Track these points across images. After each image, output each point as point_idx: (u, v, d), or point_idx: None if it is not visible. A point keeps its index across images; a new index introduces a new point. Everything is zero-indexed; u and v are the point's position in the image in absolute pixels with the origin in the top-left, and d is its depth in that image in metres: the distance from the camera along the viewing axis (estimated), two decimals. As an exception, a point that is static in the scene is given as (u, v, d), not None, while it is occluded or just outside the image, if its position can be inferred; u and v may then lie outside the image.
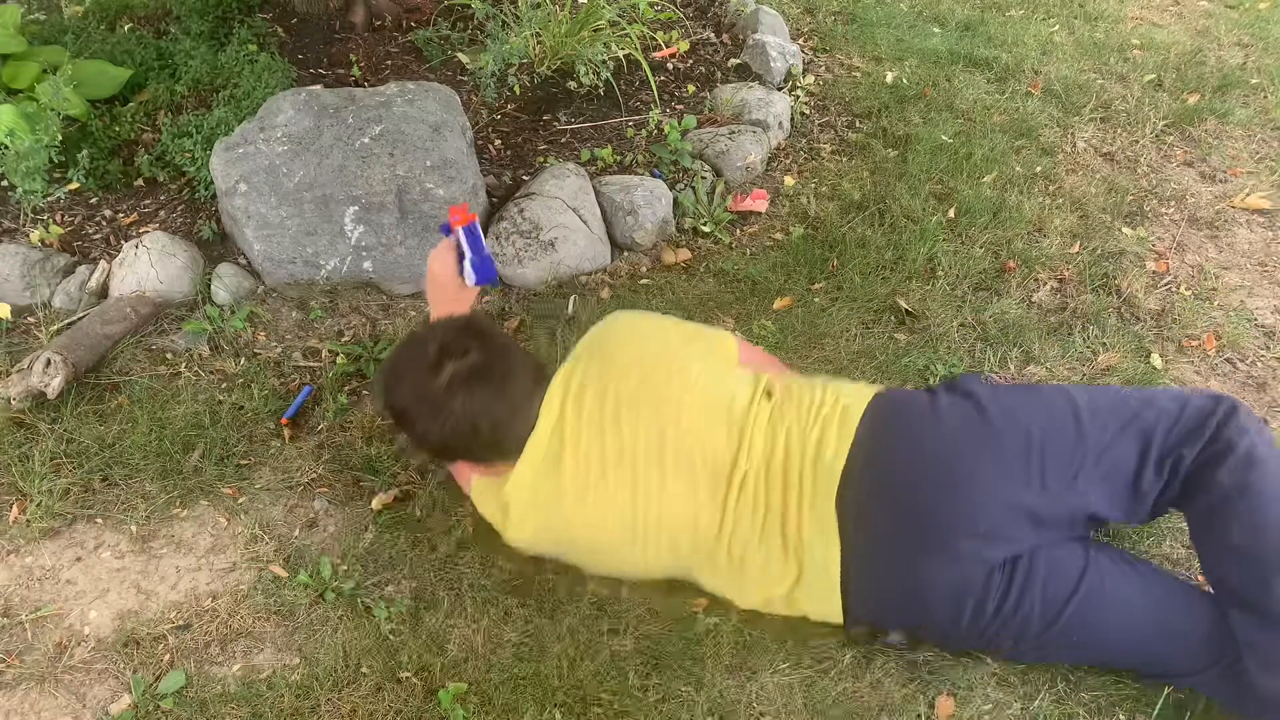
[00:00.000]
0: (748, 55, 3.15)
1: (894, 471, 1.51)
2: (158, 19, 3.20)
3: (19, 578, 1.74)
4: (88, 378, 2.06)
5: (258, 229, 2.26)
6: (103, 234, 2.42)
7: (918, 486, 1.49)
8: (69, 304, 2.25)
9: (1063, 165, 2.84)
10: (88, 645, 1.63)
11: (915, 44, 3.43)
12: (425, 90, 2.42)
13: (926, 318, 2.29)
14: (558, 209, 2.39)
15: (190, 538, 1.81)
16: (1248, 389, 2.16)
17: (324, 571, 1.73)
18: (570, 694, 1.54)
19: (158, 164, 2.54)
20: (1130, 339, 2.25)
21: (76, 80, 2.54)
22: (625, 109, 2.90)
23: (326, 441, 1.99)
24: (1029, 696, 1.54)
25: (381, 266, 2.31)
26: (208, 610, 1.68)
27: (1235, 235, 2.62)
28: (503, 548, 1.76)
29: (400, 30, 3.16)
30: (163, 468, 1.92)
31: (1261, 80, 3.28)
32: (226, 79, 2.76)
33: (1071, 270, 2.45)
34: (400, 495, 1.88)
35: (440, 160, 2.30)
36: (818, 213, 2.61)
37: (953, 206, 2.62)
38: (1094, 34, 3.56)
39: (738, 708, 1.53)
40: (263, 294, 2.30)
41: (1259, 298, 2.41)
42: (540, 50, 2.96)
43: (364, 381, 2.12)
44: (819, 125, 3.00)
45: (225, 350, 2.17)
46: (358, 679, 1.57)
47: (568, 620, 1.65)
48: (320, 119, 2.31)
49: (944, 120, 2.99)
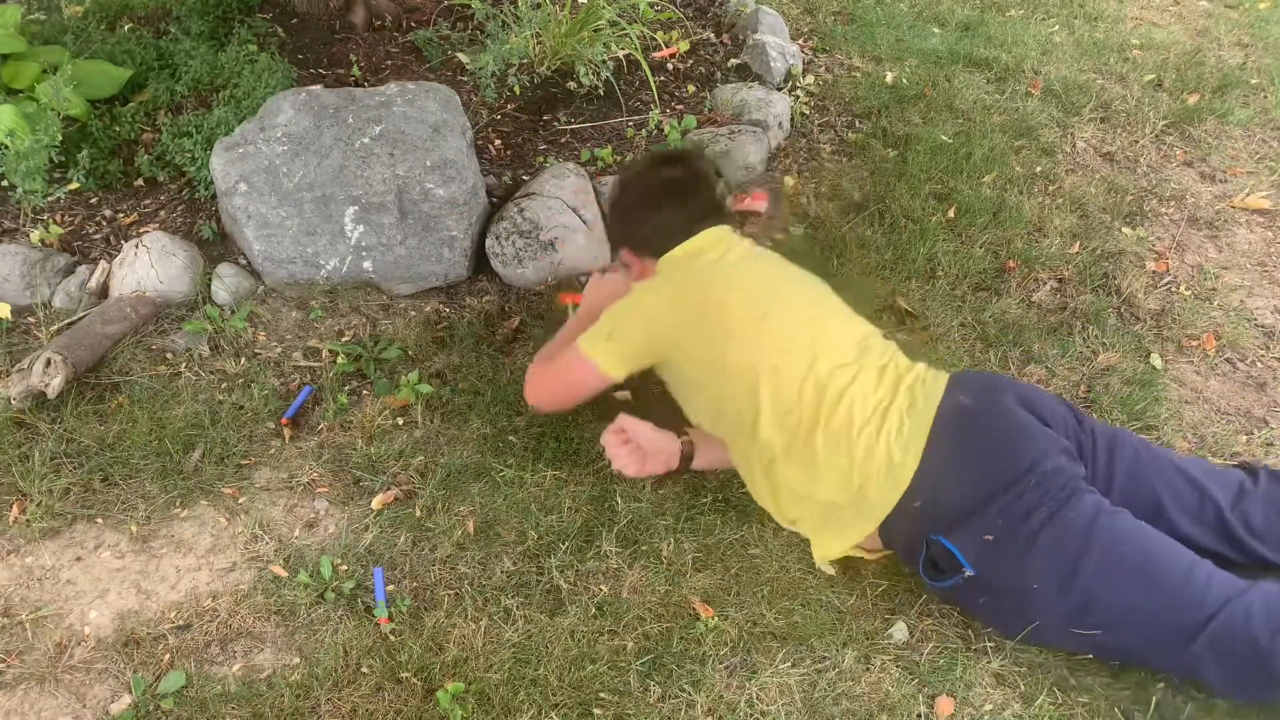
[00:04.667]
0: (748, 55, 3.15)
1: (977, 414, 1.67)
2: (158, 19, 3.20)
3: (19, 578, 1.74)
4: (88, 378, 2.06)
5: (258, 229, 2.26)
6: (103, 234, 2.42)
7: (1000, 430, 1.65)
8: (69, 304, 2.26)
9: (1063, 165, 2.84)
10: (88, 645, 1.63)
11: (915, 44, 3.43)
12: (425, 90, 2.42)
13: (926, 318, 2.29)
14: (558, 209, 2.39)
15: (190, 538, 1.81)
16: (1248, 389, 2.16)
17: (324, 571, 1.73)
18: (570, 694, 1.54)
19: (158, 164, 2.54)
20: (1130, 339, 2.26)
21: (76, 80, 2.54)
22: (625, 109, 2.90)
23: (326, 441, 1.99)
24: (1029, 697, 1.54)
25: (381, 266, 2.31)
26: (208, 610, 1.68)
27: (1235, 235, 2.62)
28: (503, 547, 1.76)
29: (400, 30, 3.16)
30: (163, 468, 1.92)
31: (1261, 80, 3.29)
32: (226, 79, 2.75)
33: (1071, 270, 2.45)
34: (400, 495, 1.88)
35: (440, 160, 2.30)
36: (818, 213, 2.61)
37: (953, 206, 2.62)
38: (1094, 34, 3.56)
39: (738, 708, 1.53)
40: (263, 294, 2.30)
41: (1259, 298, 2.41)
42: (540, 50, 2.96)
43: (364, 381, 2.13)
44: (819, 125, 3.00)
45: (225, 350, 2.17)
46: (358, 679, 1.57)
47: (568, 620, 1.65)
48: (320, 119, 2.31)
49: (944, 120, 2.99)
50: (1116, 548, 1.50)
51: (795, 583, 1.72)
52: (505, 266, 2.36)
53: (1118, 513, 1.54)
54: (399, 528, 1.82)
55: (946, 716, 1.52)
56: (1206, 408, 2.10)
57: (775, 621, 1.65)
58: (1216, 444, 2.00)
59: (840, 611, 1.67)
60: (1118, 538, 1.51)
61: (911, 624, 1.65)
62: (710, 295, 1.76)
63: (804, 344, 1.71)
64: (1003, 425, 1.63)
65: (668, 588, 1.70)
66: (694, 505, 1.86)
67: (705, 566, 1.74)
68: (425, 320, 2.28)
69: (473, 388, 2.11)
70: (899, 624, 1.65)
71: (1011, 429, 1.62)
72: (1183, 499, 1.64)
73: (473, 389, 2.10)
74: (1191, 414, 2.08)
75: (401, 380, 2.08)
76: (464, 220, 2.31)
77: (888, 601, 1.70)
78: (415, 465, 1.93)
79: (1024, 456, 1.58)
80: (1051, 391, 2.10)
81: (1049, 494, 1.53)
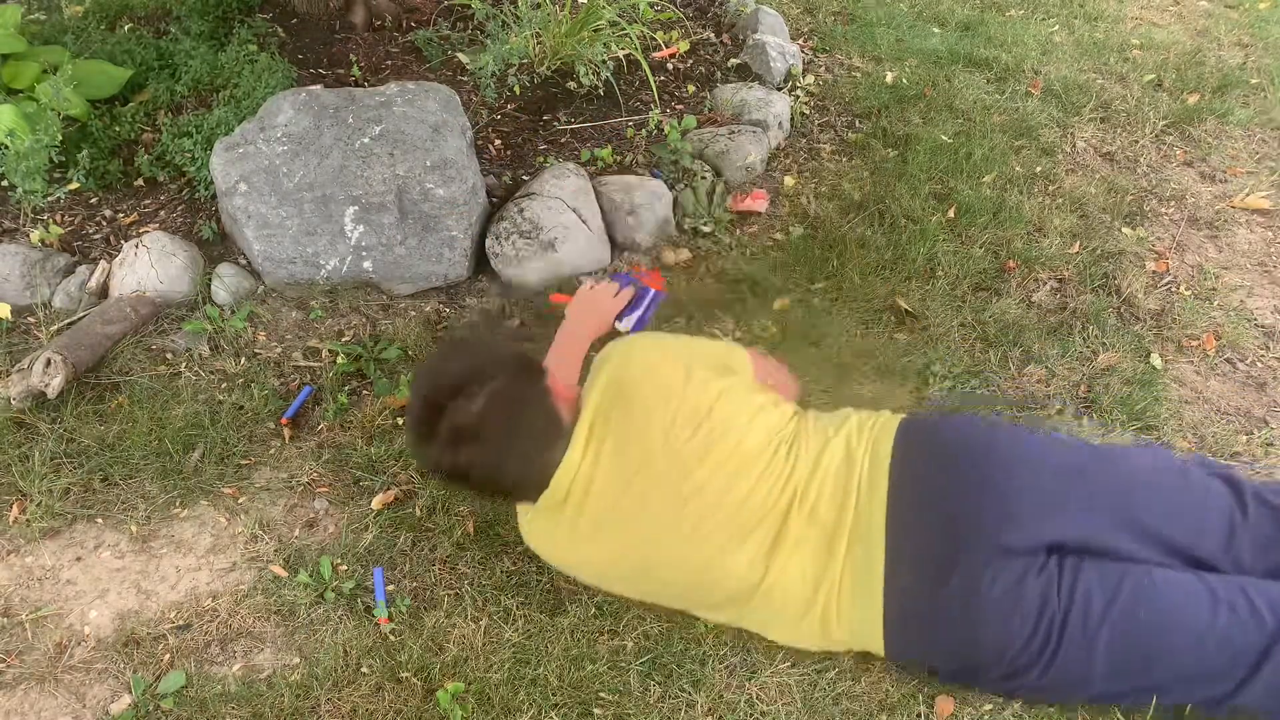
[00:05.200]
0: (748, 55, 3.15)
1: (931, 479, 1.50)
2: (158, 19, 3.20)
3: (19, 578, 1.74)
4: (88, 378, 2.06)
5: (258, 229, 2.26)
6: (103, 234, 2.42)
7: (956, 492, 1.48)
8: (69, 304, 2.26)
9: (1062, 165, 2.84)
10: (88, 645, 1.63)
11: (915, 44, 3.43)
12: (425, 90, 2.42)
13: (926, 318, 2.29)
14: (558, 209, 2.39)
15: (190, 538, 1.81)
16: (1248, 389, 2.16)
17: (324, 571, 1.73)
18: (570, 694, 1.54)
19: (158, 164, 2.54)
20: (1130, 339, 2.26)
21: (76, 80, 2.54)
22: (625, 109, 2.90)
23: (326, 441, 1.99)
24: (1029, 696, 1.54)
25: (381, 266, 2.31)
26: (208, 610, 1.68)
27: (1235, 235, 2.62)
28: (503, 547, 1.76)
29: (400, 30, 3.16)
30: (163, 468, 1.92)
31: (1261, 80, 3.28)
32: (226, 79, 2.76)
33: (1071, 270, 2.45)
34: (400, 495, 1.88)
35: (440, 160, 2.30)
36: (818, 213, 2.61)
37: (953, 206, 2.62)
38: (1094, 34, 3.56)
39: (738, 708, 1.53)
40: (263, 294, 2.30)
41: (1259, 298, 2.41)
42: (540, 50, 2.96)
43: (364, 381, 2.12)
44: (819, 125, 3.00)
45: (225, 350, 2.17)
46: (358, 679, 1.57)
47: (568, 620, 1.65)
48: (320, 119, 2.31)
49: (944, 120, 2.99)
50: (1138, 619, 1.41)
51: (795, 583, 1.72)
52: (505, 266, 2.36)
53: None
54: (399, 528, 1.82)
55: (946, 717, 1.52)
56: (1206, 408, 2.10)
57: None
58: (1216, 444, 2.00)
59: (840, 611, 1.67)
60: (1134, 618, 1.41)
61: (911, 624, 1.65)
62: (584, 572, 1.63)
63: (701, 584, 1.54)
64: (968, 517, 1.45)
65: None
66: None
67: (705, 566, 1.74)
68: (425, 320, 2.28)
69: (473, 388, 2.10)
70: (899, 624, 1.65)
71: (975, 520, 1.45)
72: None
73: (473, 389, 2.10)
74: (1191, 414, 2.08)
75: (401, 380, 2.08)
76: (464, 220, 2.31)
77: (888, 601, 1.69)
78: (415, 465, 1.93)
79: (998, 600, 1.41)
80: (1051, 392, 2.10)
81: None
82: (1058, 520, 1.46)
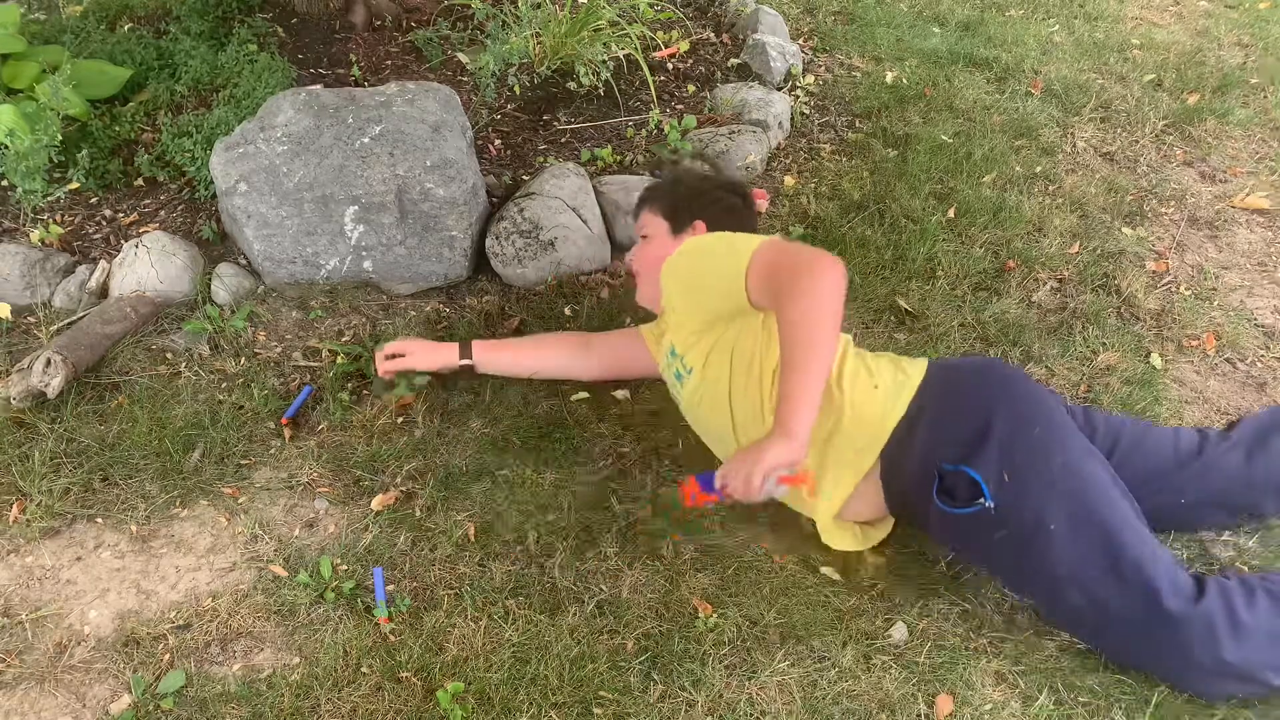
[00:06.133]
0: (748, 55, 3.15)
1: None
2: (158, 19, 3.20)
3: (19, 578, 1.74)
4: (88, 377, 2.06)
5: (258, 229, 2.26)
6: (103, 234, 2.42)
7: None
8: (69, 304, 2.26)
9: (1063, 165, 2.84)
10: (88, 645, 1.63)
11: (915, 44, 3.43)
12: (425, 90, 2.42)
13: (926, 318, 2.29)
14: (558, 209, 2.39)
15: (190, 537, 1.81)
16: (1248, 389, 2.16)
17: (324, 571, 1.73)
18: (570, 693, 1.54)
19: (158, 164, 2.54)
20: (1130, 339, 2.26)
21: (76, 80, 2.54)
22: (625, 109, 2.90)
23: (326, 441, 1.99)
24: (1029, 697, 1.54)
25: (381, 266, 2.31)
26: (208, 610, 1.68)
27: (1235, 235, 2.62)
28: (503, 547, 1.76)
29: (400, 30, 3.16)
30: (163, 467, 1.92)
31: (1261, 80, 3.29)
32: (226, 79, 2.76)
33: (1071, 270, 2.45)
34: (400, 495, 1.88)
35: (440, 160, 2.30)
36: (818, 212, 2.61)
37: (953, 206, 2.62)
38: (1094, 34, 3.56)
39: (738, 708, 1.53)
40: (263, 294, 2.30)
41: (1259, 298, 2.41)
42: (540, 50, 2.96)
43: (364, 381, 2.13)
44: (819, 125, 3.00)
45: (225, 350, 2.17)
46: (358, 679, 1.57)
47: (568, 620, 1.65)
48: (320, 119, 2.31)
49: (944, 120, 2.99)
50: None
51: (794, 582, 1.72)
52: (505, 266, 2.36)
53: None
54: (399, 528, 1.82)
55: (946, 716, 1.52)
56: (1206, 407, 2.10)
57: (775, 621, 1.65)
58: (1216, 444, 2.00)
59: (840, 611, 1.67)
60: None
61: (911, 624, 1.65)
62: None
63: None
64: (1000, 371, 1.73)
65: (667, 587, 1.70)
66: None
67: (704, 566, 1.74)
68: (425, 320, 2.28)
69: (472, 388, 2.11)
70: (899, 624, 1.65)
71: (1010, 372, 1.72)
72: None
73: (472, 389, 2.10)
74: (1192, 414, 2.08)
75: (399, 378, 2.07)
76: (464, 220, 2.31)
77: (887, 601, 1.70)
78: (415, 465, 1.93)
79: (1029, 391, 1.65)
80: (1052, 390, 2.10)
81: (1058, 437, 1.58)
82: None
